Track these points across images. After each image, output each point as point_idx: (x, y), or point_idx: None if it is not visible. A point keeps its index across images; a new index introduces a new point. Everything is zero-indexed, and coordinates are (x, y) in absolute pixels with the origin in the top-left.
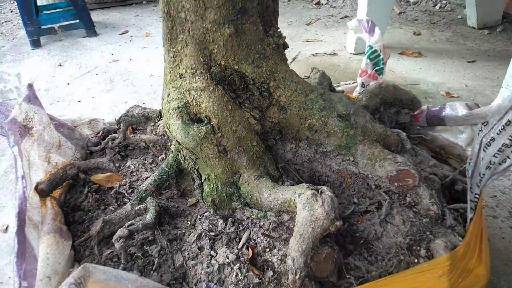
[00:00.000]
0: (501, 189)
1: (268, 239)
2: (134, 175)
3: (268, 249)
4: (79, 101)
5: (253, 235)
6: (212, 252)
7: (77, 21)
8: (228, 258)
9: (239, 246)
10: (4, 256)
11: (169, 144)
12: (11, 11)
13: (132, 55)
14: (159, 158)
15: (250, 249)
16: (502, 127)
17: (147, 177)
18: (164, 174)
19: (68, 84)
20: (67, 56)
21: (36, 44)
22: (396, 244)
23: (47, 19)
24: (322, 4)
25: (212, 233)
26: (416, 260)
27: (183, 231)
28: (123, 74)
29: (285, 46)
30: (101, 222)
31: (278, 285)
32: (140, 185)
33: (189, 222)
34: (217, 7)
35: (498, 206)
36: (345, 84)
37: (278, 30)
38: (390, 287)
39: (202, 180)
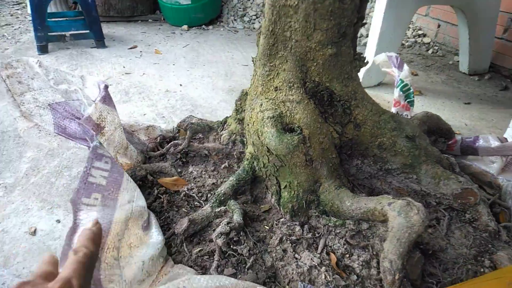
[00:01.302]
0: None
1: (345, 246)
2: (198, 181)
3: (347, 255)
4: None
5: (328, 242)
6: (296, 255)
7: (87, 31)
8: (313, 261)
9: (318, 251)
10: (36, 259)
11: (233, 153)
12: (11, 15)
13: (144, 69)
14: (222, 166)
15: (332, 254)
16: None
17: (213, 183)
18: (241, 179)
19: None
20: (77, 64)
21: (43, 50)
22: (461, 255)
23: (57, 26)
24: None
25: (292, 238)
26: (482, 270)
27: (264, 234)
28: (137, 87)
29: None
30: (187, 221)
31: None
32: (208, 190)
33: (266, 227)
34: (325, 29)
35: None
36: None
37: (362, 55)
38: None
39: (282, 187)
